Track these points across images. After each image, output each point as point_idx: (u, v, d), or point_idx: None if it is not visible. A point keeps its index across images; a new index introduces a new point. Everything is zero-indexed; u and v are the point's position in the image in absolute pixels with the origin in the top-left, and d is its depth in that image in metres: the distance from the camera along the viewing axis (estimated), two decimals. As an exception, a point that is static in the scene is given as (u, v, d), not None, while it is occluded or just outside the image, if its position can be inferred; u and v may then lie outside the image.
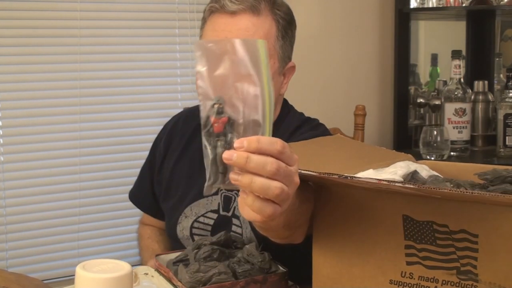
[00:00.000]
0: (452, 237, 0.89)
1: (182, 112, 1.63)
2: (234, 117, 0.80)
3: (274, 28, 1.34)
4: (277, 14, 1.35)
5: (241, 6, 1.30)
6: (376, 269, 0.95)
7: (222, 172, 0.81)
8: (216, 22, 1.32)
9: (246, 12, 1.31)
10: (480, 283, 0.87)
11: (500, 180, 0.94)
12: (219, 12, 1.32)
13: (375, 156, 1.14)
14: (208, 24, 1.35)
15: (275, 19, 1.34)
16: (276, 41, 1.35)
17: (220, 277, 1.09)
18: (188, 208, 1.45)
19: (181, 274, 1.13)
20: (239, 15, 1.31)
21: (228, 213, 1.41)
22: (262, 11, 1.32)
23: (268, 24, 1.33)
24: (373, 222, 0.95)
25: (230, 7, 1.30)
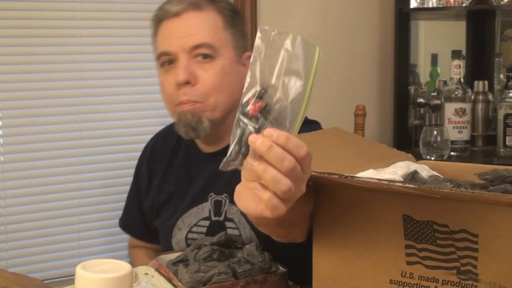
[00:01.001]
0: (452, 237, 0.89)
1: (158, 134, 1.63)
2: (271, 106, 0.81)
3: (219, 19, 1.37)
4: (219, 5, 1.38)
5: (181, 6, 1.35)
6: (376, 268, 0.95)
7: (243, 153, 0.82)
8: (164, 29, 1.37)
9: (188, 10, 1.35)
10: (480, 283, 0.87)
11: (500, 180, 0.94)
12: (164, 19, 1.36)
13: (375, 155, 1.14)
14: (158, 34, 1.39)
15: (218, 10, 1.38)
16: (225, 30, 1.37)
17: (220, 277, 1.09)
18: (180, 220, 1.45)
19: (181, 274, 1.13)
20: (183, 14, 1.35)
21: (220, 218, 1.41)
22: (203, 6, 1.36)
23: (212, 16, 1.36)
24: (373, 222, 0.95)
25: (172, 9, 1.35)
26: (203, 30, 1.34)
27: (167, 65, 1.37)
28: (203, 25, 1.35)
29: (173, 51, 1.35)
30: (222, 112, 1.38)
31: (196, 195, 1.44)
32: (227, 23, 1.38)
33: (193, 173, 1.47)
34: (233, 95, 1.37)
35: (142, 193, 1.58)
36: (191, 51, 1.34)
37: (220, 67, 1.35)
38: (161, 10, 1.38)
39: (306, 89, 0.81)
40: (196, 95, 1.34)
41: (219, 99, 1.36)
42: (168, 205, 1.50)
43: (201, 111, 1.36)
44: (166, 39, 1.36)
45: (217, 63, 1.35)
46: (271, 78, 0.82)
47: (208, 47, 1.34)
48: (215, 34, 1.35)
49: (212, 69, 1.35)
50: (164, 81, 1.40)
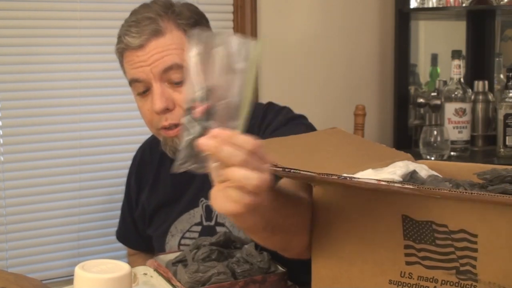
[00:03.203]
0: (451, 237, 0.89)
1: (144, 144, 1.63)
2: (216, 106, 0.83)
3: (183, 37, 1.32)
4: (181, 24, 1.33)
5: (143, 37, 1.30)
6: (375, 269, 0.95)
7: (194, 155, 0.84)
8: (130, 59, 1.33)
9: (150, 40, 1.30)
10: (479, 283, 0.87)
11: (499, 179, 0.94)
12: (127, 50, 1.33)
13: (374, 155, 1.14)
14: (124, 62, 1.36)
15: (181, 29, 1.33)
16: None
17: (219, 277, 1.09)
18: (172, 226, 1.46)
19: (180, 274, 1.13)
20: (146, 45, 1.31)
21: (211, 223, 1.41)
22: (165, 31, 1.31)
23: (176, 37, 1.32)
24: (372, 222, 0.95)
25: (134, 43, 1.31)
26: (170, 53, 1.30)
27: (142, 93, 1.36)
28: (169, 48, 1.31)
29: (144, 78, 1.32)
30: None
31: (187, 201, 1.44)
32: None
33: (183, 179, 1.45)
34: None
35: (132, 204, 1.59)
36: (162, 75, 1.31)
37: None
38: (121, 41, 1.34)
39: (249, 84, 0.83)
40: (176, 118, 1.32)
41: None
42: (159, 212, 1.50)
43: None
44: (134, 67, 1.33)
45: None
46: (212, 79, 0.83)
47: (178, 68, 1.30)
48: (182, 53, 1.30)
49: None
50: (142, 107, 1.38)
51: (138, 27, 1.31)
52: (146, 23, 1.31)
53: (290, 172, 0.99)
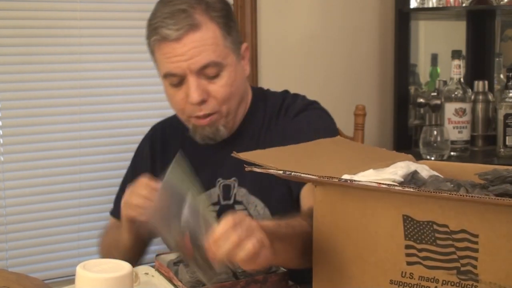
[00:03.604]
0: (452, 237, 0.89)
1: (162, 123, 1.64)
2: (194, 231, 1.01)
3: (217, 32, 1.36)
4: (214, 16, 1.37)
5: (181, 31, 1.33)
6: (376, 269, 0.95)
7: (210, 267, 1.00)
8: (166, 51, 1.36)
9: (188, 33, 1.33)
10: (480, 283, 0.87)
11: (500, 180, 0.94)
12: (163, 41, 1.35)
13: (375, 156, 1.14)
14: (159, 54, 1.38)
15: (215, 22, 1.36)
16: (225, 40, 1.38)
17: (220, 277, 1.10)
18: None
19: (182, 274, 1.13)
20: (183, 38, 1.33)
21: (229, 201, 1.45)
22: (201, 24, 1.34)
23: (211, 31, 1.35)
24: (373, 222, 0.95)
25: (171, 36, 1.34)
26: (207, 49, 1.34)
27: (176, 84, 1.39)
28: (206, 44, 1.34)
29: (180, 73, 1.36)
30: (234, 114, 1.44)
31: (204, 181, 1.45)
32: (225, 32, 1.38)
33: (201, 160, 1.48)
34: (239, 91, 1.43)
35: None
36: (199, 71, 1.35)
37: (227, 77, 1.38)
38: (157, 33, 1.36)
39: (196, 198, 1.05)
40: (210, 108, 1.38)
41: (230, 104, 1.41)
42: None
43: (217, 121, 1.41)
44: (171, 61, 1.36)
45: (224, 74, 1.38)
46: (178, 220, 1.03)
47: (215, 64, 1.35)
48: (218, 49, 1.36)
49: (220, 81, 1.38)
50: (174, 96, 1.41)
51: (174, 19, 1.33)
52: (182, 16, 1.33)
53: (291, 174, 0.99)
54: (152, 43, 1.39)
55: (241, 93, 1.44)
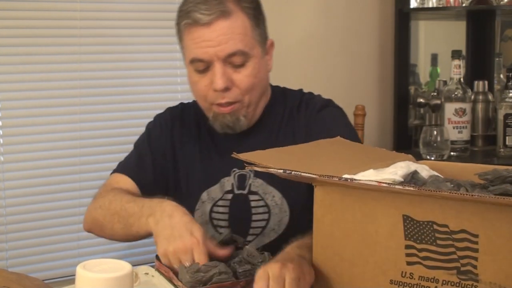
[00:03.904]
0: (452, 237, 0.89)
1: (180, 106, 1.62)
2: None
3: (247, 22, 1.40)
4: (245, 7, 1.40)
5: (212, 16, 1.36)
6: (377, 269, 0.95)
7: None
8: (195, 36, 1.38)
9: (218, 19, 1.36)
10: (480, 283, 0.87)
11: (500, 180, 0.94)
12: (194, 25, 1.37)
13: (375, 157, 1.15)
14: (187, 38, 1.40)
15: (245, 12, 1.40)
16: (253, 31, 1.41)
17: (220, 277, 1.10)
18: (204, 193, 1.48)
19: (182, 274, 1.13)
20: (213, 24, 1.36)
21: (244, 191, 1.46)
22: (231, 12, 1.38)
23: (240, 21, 1.39)
24: (373, 222, 0.95)
25: (202, 20, 1.36)
26: (235, 37, 1.37)
27: (201, 70, 1.41)
28: (234, 32, 1.37)
29: (207, 59, 1.38)
30: (255, 105, 1.46)
31: (219, 170, 1.48)
32: (254, 23, 1.41)
33: (217, 149, 1.50)
34: (261, 83, 1.46)
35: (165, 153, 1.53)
36: (225, 59, 1.38)
37: (252, 67, 1.41)
38: (188, 17, 1.38)
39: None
40: (233, 97, 1.41)
41: (253, 95, 1.43)
42: (193, 175, 1.51)
43: (238, 110, 1.43)
44: (199, 46, 1.38)
45: (249, 64, 1.40)
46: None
47: (241, 54, 1.38)
48: (245, 39, 1.39)
49: (245, 71, 1.40)
50: (197, 82, 1.43)
51: (207, 5, 1.36)
52: (214, 2, 1.37)
53: (291, 173, 0.99)
54: (182, 27, 1.41)
55: (263, 85, 1.47)
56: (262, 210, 1.45)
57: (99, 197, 1.49)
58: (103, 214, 1.43)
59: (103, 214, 1.43)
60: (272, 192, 1.44)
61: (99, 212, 1.45)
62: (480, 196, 0.84)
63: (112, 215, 1.39)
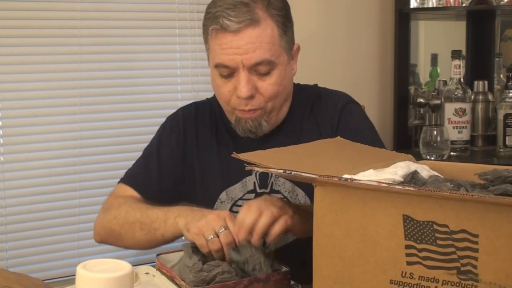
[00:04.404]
0: (452, 237, 0.89)
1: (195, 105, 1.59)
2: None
3: (275, 30, 1.37)
4: (274, 14, 1.38)
5: (242, 24, 1.34)
6: (377, 269, 0.95)
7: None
8: (222, 42, 1.36)
9: (247, 28, 1.34)
10: (480, 283, 0.87)
11: (500, 180, 0.94)
12: (221, 31, 1.35)
13: (375, 157, 1.15)
14: (214, 43, 1.38)
15: (274, 20, 1.37)
16: (281, 39, 1.39)
17: (223, 276, 1.10)
18: (223, 193, 1.47)
19: (185, 273, 1.13)
20: (242, 31, 1.34)
21: (266, 190, 1.45)
22: (261, 20, 1.35)
23: (269, 29, 1.36)
24: (373, 222, 0.95)
25: (231, 27, 1.34)
26: (263, 46, 1.35)
27: (225, 76, 1.39)
28: (262, 41, 1.35)
29: (232, 66, 1.36)
30: (278, 111, 1.45)
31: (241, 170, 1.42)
32: (282, 31, 1.39)
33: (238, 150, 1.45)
34: (285, 90, 1.44)
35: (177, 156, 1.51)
36: (251, 67, 1.36)
37: (277, 75, 1.39)
38: (216, 22, 1.35)
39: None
40: (256, 104, 1.39)
41: (276, 101, 1.42)
42: (210, 174, 1.49)
43: (260, 116, 1.41)
44: (225, 52, 1.36)
45: (274, 72, 1.39)
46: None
47: (267, 63, 1.36)
48: (273, 47, 1.37)
49: (270, 79, 1.39)
50: (221, 87, 1.41)
51: (236, 12, 1.34)
52: (243, 9, 1.34)
53: (291, 173, 0.99)
54: (209, 31, 1.38)
55: (287, 92, 1.46)
56: None
57: (111, 208, 1.47)
58: (120, 224, 1.42)
59: (120, 224, 1.42)
60: (295, 191, 1.43)
61: (114, 223, 1.44)
62: (480, 196, 0.84)
63: (131, 224, 1.39)
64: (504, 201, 0.83)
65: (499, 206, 0.85)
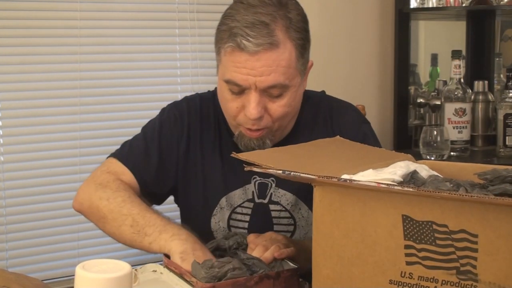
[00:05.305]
0: (451, 237, 0.89)
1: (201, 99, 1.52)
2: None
3: (293, 53, 1.31)
4: (294, 37, 1.32)
5: (260, 48, 1.27)
6: (376, 269, 0.95)
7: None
8: (236, 59, 1.29)
9: (265, 51, 1.28)
10: (479, 283, 0.87)
11: (500, 180, 0.94)
12: (238, 50, 1.29)
13: (374, 156, 1.15)
14: (228, 59, 1.31)
15: (293, 43, 1.31)
16: (297, 62, 1.33)
17: (235, 273, 1.11)
18: (223, 199, 1.43)
19: (196, 270, 1.14)
20: (259, 54, 1.28)
21: (264, 200, 1.42)
22: (279, 43, 1.29)
23: (287, 53, 1.30)
24: (372, 222, 0.95)
25: (248, 49, 1.27)
26: (279, 70, 1.29)
27: (235, 93, 1.34)
28: (279, 65, 1.29)
29: (245, 85, 1.31)
30: (283, 129, 1.41)
31: (241, 177, 1.42)
32: (300, 53, 1.33)
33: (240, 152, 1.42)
34: (294, 110, 1.40)
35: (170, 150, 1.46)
36: (264, 89, 1.31)
37: (288, 97, 1.34)
38: (233, 40, 1.28)
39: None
40: (264, 124, 1.34)
41: (283, 121, 1.38)
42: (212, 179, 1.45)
43: (265, 135, 1.37)
44: (239, 71, 1.30)
45: (286, 95, 1.33)
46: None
47: (281, 86, 1.31)
48: (288, 71, 1.31)
49: (281, 101, 1.33)
50: (229, 102, 1.35)
51: (255, 32, 1.27)
52: (264, 31, 1.27)
53: (290, 174, 0.99)
54: (224, 47, 1.31)
55: (296, 111, 1.41)
56: (287, 221, 1.41)
57: (106, 187, 1.37)
58: (110, 209, 1.33)
59: (110, 209, 1.33)
60: (299, 205, 1.40)
61: (104, 204, 1.34)
62: (480, 196, 0.84)
63: (123, 215, 1.31)
64: (503, 201, 0.83)
65: (498, 206, 0.85)
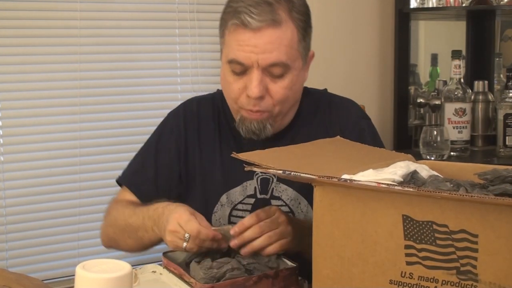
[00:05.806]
0: (452, 237, 0.89)
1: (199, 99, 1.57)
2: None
3: (295, 34, 1.35)
4: (296, 18, 1.36)
5: (263, 23, 1.31)
6: (376, 269, 0.95)
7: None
8: (240, 38, 1.34)
9: (268, 27, 1.32)
10: (480, 283, 0.87)
11: (500, 180, 0.94)
12: (241, 27, 1.33)
13: (375, 156, 1.15)
14: (231, 38, 1.36)
15: (295, 24, 1.35)
16: (299, 44, 1.37)
17: (233, 273, 1.12)
18: (223, 196, 1.45)
19: (195, 270, 1.14)
20: (262, 30, 1.32)
21: (266, 196, 1.43)
22: (282, 22, 1.33)
23: (289, 32, 1.34)
24: (372, 222, 0.95)
25: (252, 25, 1.31)
26: (281, 49, 1.33)
27: (238, 73, 1.37)
28: (281, 43, 1.33)
29: (247, 64, 1.34)
30: (284, 116, 1.43)
31: (241, 173, 1.38)
32: (301, 36, 1.37)
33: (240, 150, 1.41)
34: (295, 96, 1.42)
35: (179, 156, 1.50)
36: (265, 67, 1.34)
37: (290, 80, 1.37)
38: (237, 18, 1.33)
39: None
40: (265, 106, 1.37)
41: (284, 106, 1.40)
42: (212, 176, 1.47)
43: (266, 119, 1.39)
44: (242, 49, 1.34)
45: (287, 76, 1.37)
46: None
47: (283, 65, 1.34)
48: (290, 51, 1.35)
49: (282, 82, 1.36)
50: (231, 84, 1.39)
51: (258, 10, 1.32)
52: (267, 8, 1.32)
53: (290, 174, 0.99)
54: (229, 25, 1.36)
55: (296, 97, 1.44)
56: None
57: (107, 214, 1.51)
58: (114, 231, 1.47)
59: (114, 231, 1.47)
60: (299, 199, 1.42)
61: (110, 230, 1.49)
62: (480, 196, 0.84)
63: (121, 231, 1.44)
64: (504, 201, 0.83)
65: (498, 206, 0.85)
